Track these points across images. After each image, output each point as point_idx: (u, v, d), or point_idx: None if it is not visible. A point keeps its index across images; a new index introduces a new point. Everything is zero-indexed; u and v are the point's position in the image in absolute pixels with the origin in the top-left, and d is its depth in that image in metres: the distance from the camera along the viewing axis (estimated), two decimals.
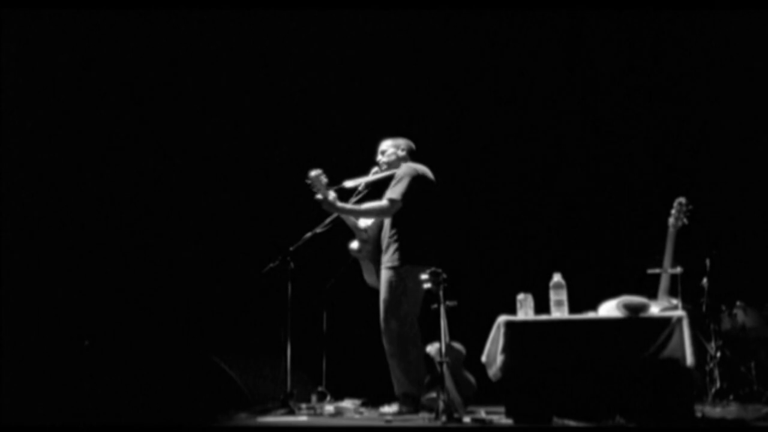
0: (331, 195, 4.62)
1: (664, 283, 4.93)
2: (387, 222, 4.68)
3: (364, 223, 4.80)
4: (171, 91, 6.60)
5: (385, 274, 4.60)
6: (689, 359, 3.77)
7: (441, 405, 3.92)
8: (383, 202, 4.61)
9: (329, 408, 4.64)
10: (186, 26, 6.53)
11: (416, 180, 4.62)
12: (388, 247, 4.63)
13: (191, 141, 6.68)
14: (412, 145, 4.93)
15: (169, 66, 6.63)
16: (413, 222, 4.60)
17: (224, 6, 6.38)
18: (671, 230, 5.05)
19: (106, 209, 6.49)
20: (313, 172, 4.60)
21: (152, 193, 6.55)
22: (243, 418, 4.39)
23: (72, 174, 6.46)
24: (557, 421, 3.66)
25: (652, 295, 4.81)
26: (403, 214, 4.60)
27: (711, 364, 4.98)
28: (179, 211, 6.55)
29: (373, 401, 4.83)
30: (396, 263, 4.56)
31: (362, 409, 4.69)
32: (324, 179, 4.61)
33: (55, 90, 6.44)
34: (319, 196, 4.59)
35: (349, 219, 4.79)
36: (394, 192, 4.58)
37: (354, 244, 4.83)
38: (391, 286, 4.54)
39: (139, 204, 6.53)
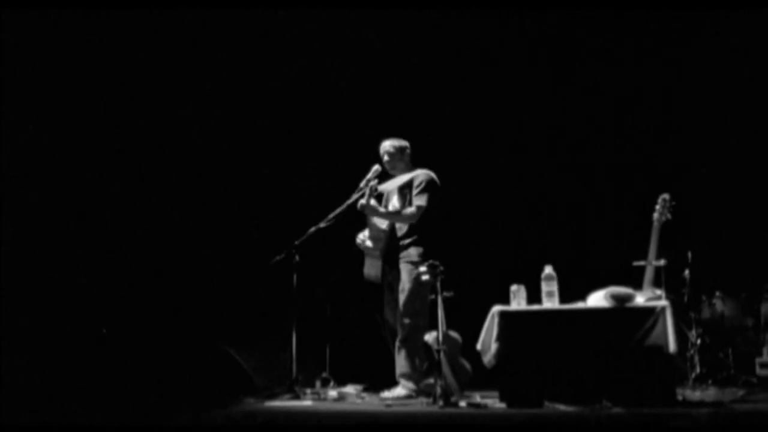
0: (372, 201, 4.92)
1: (648, 274, 5.10)
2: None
3: (384, 224, 4.99)
4: (181, 89, 6.59)
5: (406, 268, 4.82)
6: (672, 346, 3.93)
7: (438, 390, 4.06)
8: (413, 209, 4.87)
9: (332, 393, 4.78)
10: (190, 28, 6.51)
11: (436, 186, 4.94)
12: (409, 244, 4.87)
13: (206, 138, 6.68)
14: (408, 145, 5.11)
15: (178, 64, 6.61)
16: (433, 223, 4.89)
17: (231, 5, 6.34)
18: (656, 225, 5.23)
19: (117, 203, 6.47)
20: (373, 182, 4.89)
21: (163, 187, 6.54)
22: (251, 403, 4.50)
23: (75, 168, 6.41)
24: (548, 404, 3.76)
25: (638, 286, 4.96)
26: (424, 216, 4.88)
27: (692, 351, 5.10)
28: (194, 208, 6.55)
29: (374, 387, 4.96)
30: (418, 258, 4.79)
31: (364, 394, 4.83)
32: (377, 186, 4.91)
33: (63, 89, 6.38)
34: (363, 201, 4.86)
35: (375, 219, 4.97)
36: (422, 200, 4.88)
37: (368, 242, 4.98)
38: (413, 278, 4.73)
39: (153, 199, 6.50)
